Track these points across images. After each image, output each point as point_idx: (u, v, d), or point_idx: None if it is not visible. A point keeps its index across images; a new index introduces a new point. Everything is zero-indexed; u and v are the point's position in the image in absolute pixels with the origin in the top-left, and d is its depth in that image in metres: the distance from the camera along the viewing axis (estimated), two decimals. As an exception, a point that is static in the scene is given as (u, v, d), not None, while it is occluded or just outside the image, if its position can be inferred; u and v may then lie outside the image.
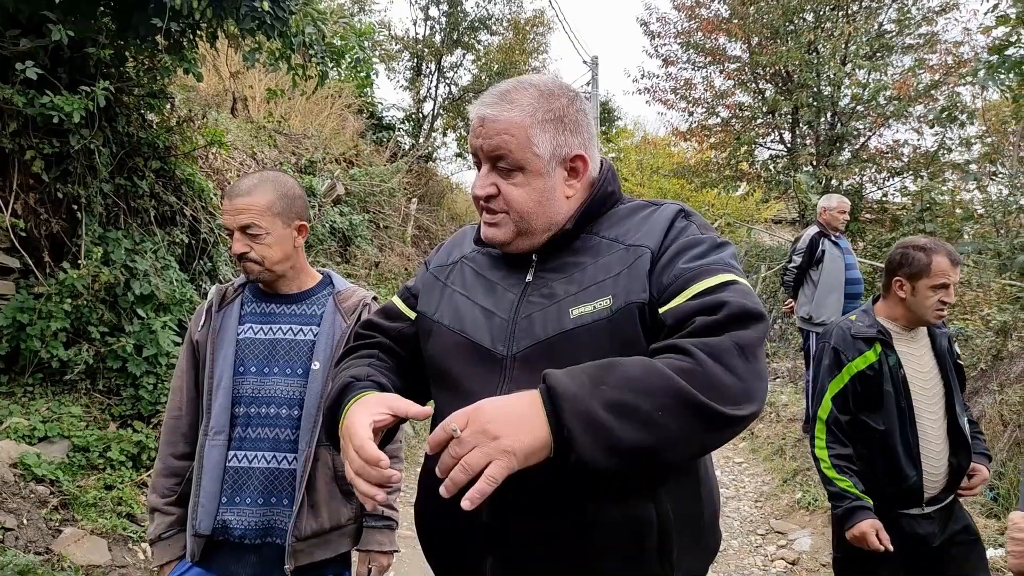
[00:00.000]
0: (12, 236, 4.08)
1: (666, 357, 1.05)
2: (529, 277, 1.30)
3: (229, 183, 7.18)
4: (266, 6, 4.30)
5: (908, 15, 12.58)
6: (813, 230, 5.92)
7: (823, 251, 5.77)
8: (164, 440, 1.96)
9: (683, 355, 1.04)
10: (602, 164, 1.37)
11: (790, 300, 6.21)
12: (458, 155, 18.98)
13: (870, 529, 2.25)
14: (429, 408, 1.21)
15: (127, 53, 4.70)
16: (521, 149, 1.24)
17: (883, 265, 2.57)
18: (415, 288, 1.46)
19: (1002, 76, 6.05)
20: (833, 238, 5.85)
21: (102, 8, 4.41)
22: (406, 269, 11.12)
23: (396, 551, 2.06)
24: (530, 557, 1.19)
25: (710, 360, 1.03)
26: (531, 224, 1.28)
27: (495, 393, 1.20)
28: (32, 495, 3.44)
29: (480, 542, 1.22)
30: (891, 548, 2.24)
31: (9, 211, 4.07)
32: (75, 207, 4.47)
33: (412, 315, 1.43)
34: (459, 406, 1.24)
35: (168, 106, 5.33)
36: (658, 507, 1.18)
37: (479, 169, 1.31)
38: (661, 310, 1.15)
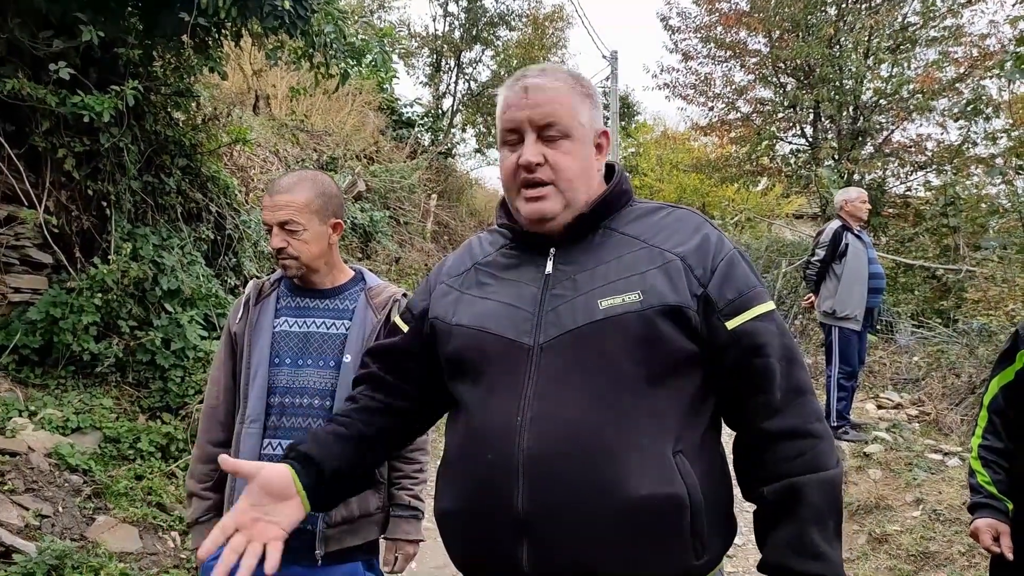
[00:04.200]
0: (45, 232, 4.19)
1: (804, 446, 1.25)
2: (548, 269, 1.32)
3: (253, 180, 7.28)
4: (287, 5, 4.36)
5: (933, 7, 12.41)
6: (836, 223, 5.88)
7: (846, 245, 5.74)
8: (202, 428, 2.03)
9: (814, 438, 1.26)
10: (615, 165, 1.42)
11: (810, 295, 6.19)
12: (477, 151, 19.03)
13: (984, 528, 2.08)
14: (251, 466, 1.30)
15: (155, 53, 4.79)
16: (569, 116, 1.30)
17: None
18: (415, 304, 1.49)
19: (1029, 69, 5.96)
20: (856, 231, 5.82)
21: (130, 8, 4.50)
22: (426, 265, 11.19)
23: (422, 540, 2.11)
24: (567, 542, 1.20)
25: (825, 432, 1.28)
26: (576, 193, 1.32)
27: (521, 381, 1.24)
28: (66, 484, 3.54)
29: (515, 531, 1.22)
30: (1009, 556, 2.02)
31: (42, 208, 4.17)
32: (105, 204, 4.57)
33: (405, 327, 1.47)
34: (483, 396, 1.29)
35: (194, 104, 5.42)
36: (690, 488, 1.21)
37: (514, 144, 1.32)
38: (729, 324, 1.26)
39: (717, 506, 1.28)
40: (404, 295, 2.06)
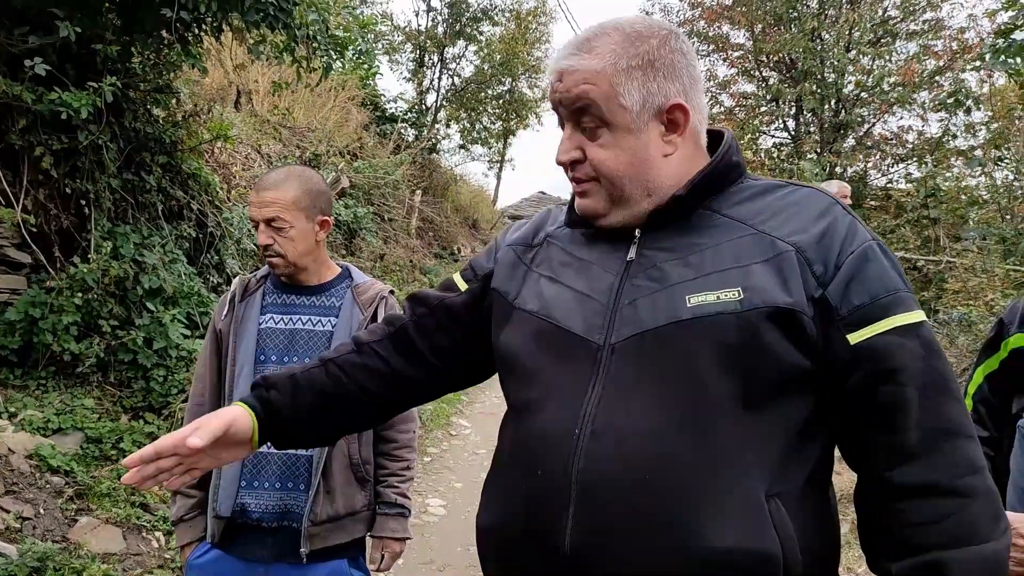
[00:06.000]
0: (23, 231, 4.13)
1: (948, 507, 0.98)
2: (631, 255, 1.10)
3: (235, 177, 7.22)
4: (270, -3, 4.33)
5: (913, 1, 12.53)
6: (817, 217, 5.94)
7: (827, 238, 5.79)
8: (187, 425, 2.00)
9: (962, 498, 0.99)
10: (724, 134, 1.18)
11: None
12: (462, 147, 18.99)
13: None
14: (196, 439, 1.10)
15: (133, 49, 4.72)
16: (606, 100, 1.06)
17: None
18: (480, 265, 1.30)
19: (1009, 60, 6.01)
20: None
21: (108, 4, 4.44)
22: (411, 261, 11.16)
23: (408, 538, 2.10)
24: None
25: (982, 490, 1.00)
26: (625, 190, 1.09)
27: (584, 389, 1.04)
28: (48, 486, 3.50)
29: (558, 566, 1.02)
30: None
31: (20, 207, 4.11)
32: (84, 202, 4.50)
33: (464, 286, 1.29)
34: (538, 398, 1.09)
35: (174, 101, 5.36)
36: (785, 544, 0.97)
37: (564, 128, 1.14)
38: (852, 337, 0.99)
39: (818, 569, 1.04)
40: (391, 292, 2.05)
